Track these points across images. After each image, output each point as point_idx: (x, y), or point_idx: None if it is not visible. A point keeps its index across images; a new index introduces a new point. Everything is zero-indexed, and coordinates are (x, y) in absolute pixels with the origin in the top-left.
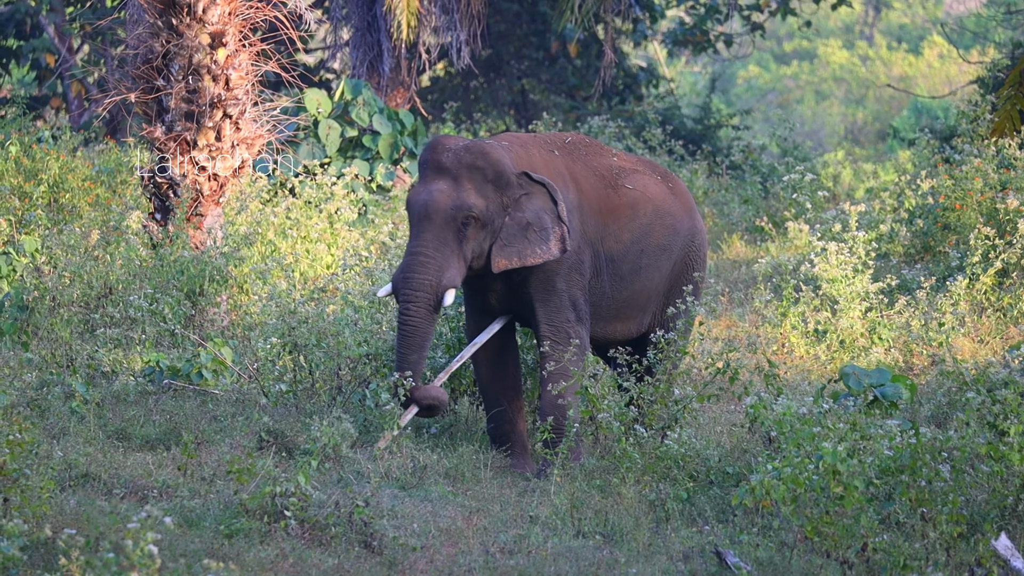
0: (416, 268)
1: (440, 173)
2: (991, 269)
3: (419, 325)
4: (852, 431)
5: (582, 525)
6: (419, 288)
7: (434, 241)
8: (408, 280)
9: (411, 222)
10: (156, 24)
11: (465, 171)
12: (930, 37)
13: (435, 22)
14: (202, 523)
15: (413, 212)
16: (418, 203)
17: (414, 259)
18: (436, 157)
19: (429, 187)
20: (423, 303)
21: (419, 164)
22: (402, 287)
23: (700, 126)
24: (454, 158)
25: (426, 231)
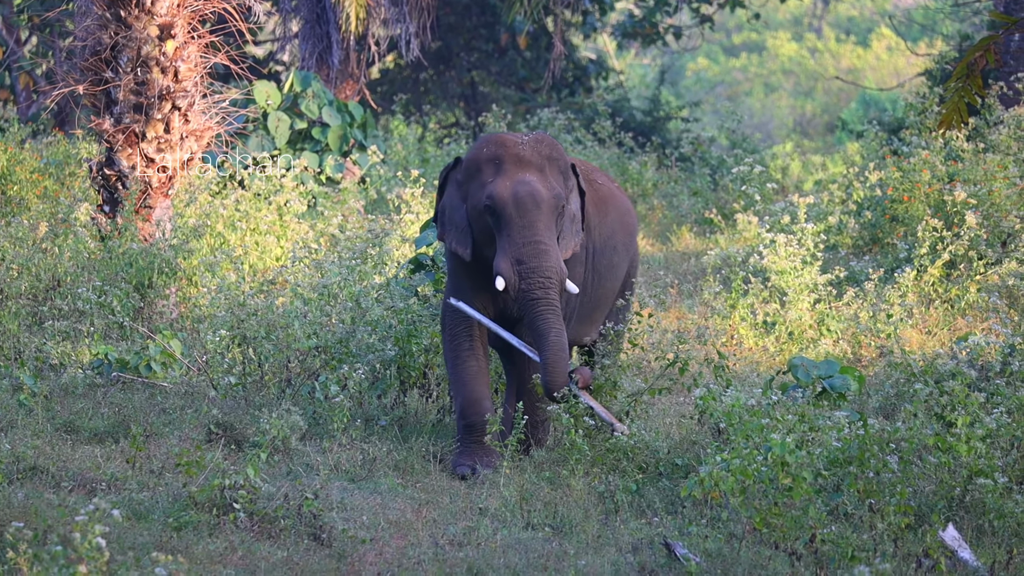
0: (543, 256)
1: (524, 165)
2: (939, 261)
3: (560, 311)
4: (800, 423)
5: (531, 517)
6: (552, 274)
7: (546, 230)
8: (538, 268)
9: (515, 214)
10: (104, 16)
11: (547, 163)
12: (878, 29)
13: (384, 14)
14: (151, 516)
15: (518, 204)
16: (522, 194)
17: (537, 247)
18: (513, 151)
19: (522, 178)
20: (558, 289)
21: (484, 161)
22: (534, 275)
23: (649, 118)
24: (532, 150)
25: (538, 220)
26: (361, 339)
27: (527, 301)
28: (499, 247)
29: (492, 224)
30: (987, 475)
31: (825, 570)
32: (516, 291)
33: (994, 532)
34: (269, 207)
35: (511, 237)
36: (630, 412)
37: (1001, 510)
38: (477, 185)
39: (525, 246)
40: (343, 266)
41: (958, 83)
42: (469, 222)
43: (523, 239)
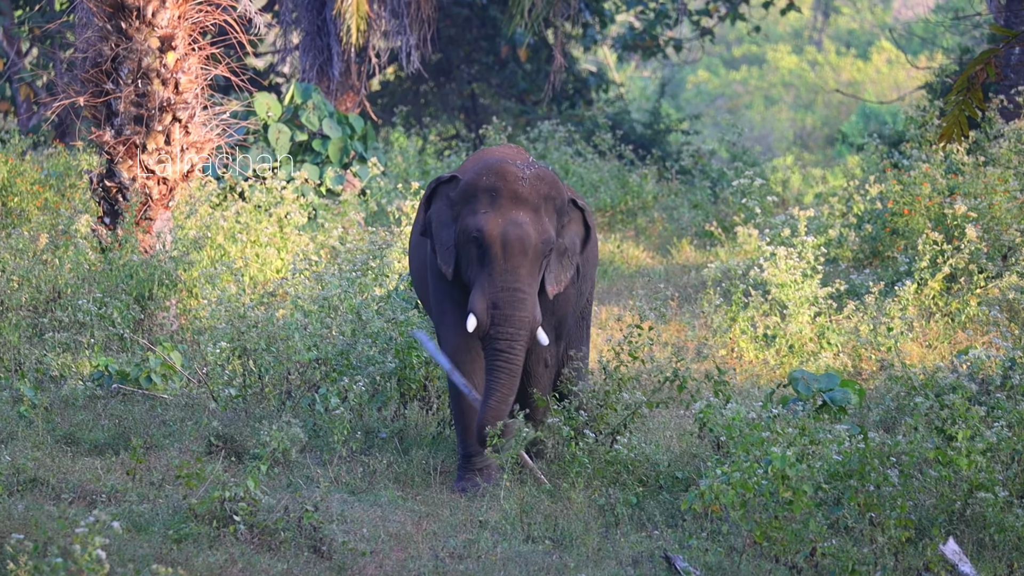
0: (518, 305)
1: (519, 203)
2: (939, 274)
3: (521, 362)
4: (801, 436)
5: (532, 530)
6: (523, 327)
7: (528, 277)
8: (511, 318)
9: (500, 254)
10: (105, 28)
11: (543, 202)
12: (878, 42)
13: (385, 26)
14: (151, 528)
15: (505, 245)
16: (512, 236)
17: (514, 295)
18: (512, 186)
19: (514, 219)
20: (525, 340)
21: (482, 190)
22: (505, 324)
23: (650, 131)
24: (531, 188)
25: (521, 266)
26: (361, 351)
27: (490, 350)
28: (478, 282)
29: (476, 256)
30: (988, 489)
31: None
32: (484, 334)
33: (995, 546)
34: (270, 219)
35: (492, 277)
36: (629, 425)
37: (1002, 524)
38: (469, 211)
39: (504, 291)
40: (343, 278)
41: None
42: (456, 243)
43: (503, 283)
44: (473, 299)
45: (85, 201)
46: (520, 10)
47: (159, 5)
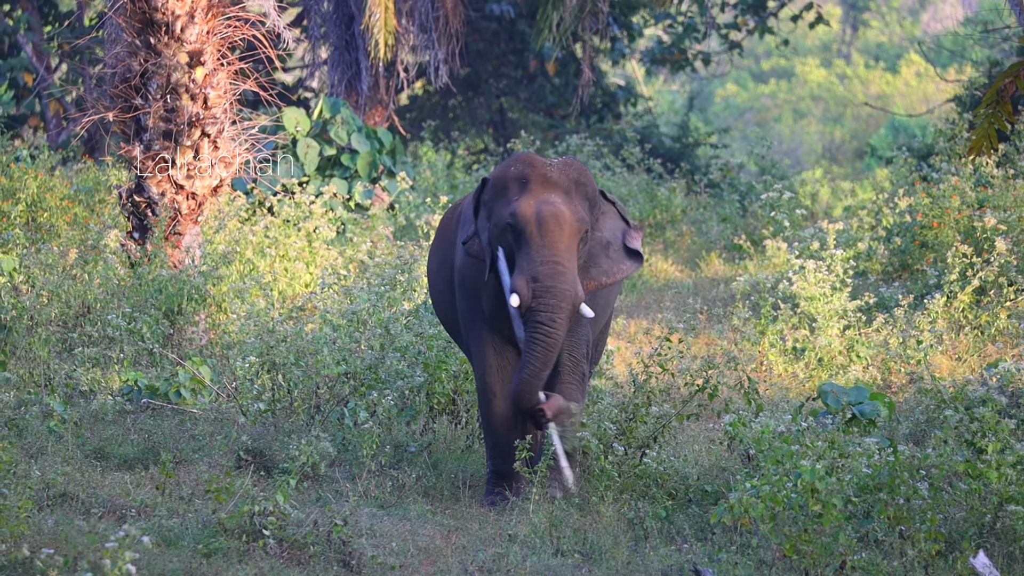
0: (558, 277)
1: (550, 186)
2: (969, 287)
3: (562, 338)
4: (830, 449)
5: (561, 544)
6: (564, 298)
7: (567, 252)
8: (552, 290)
9: (536, 232)
10: (134, 43)
11: (574, 187)
12: (907, 55)
13: (413, 40)
14: (180, 542)
15: (540, 223)
16: (546, 213)
17: (554, 268)
18: (541, 171)
19: (547, 198)
20: (568, 314)
21: (511, 179)
22: (545, 296)
23: (678, 144)
24: (560, 173)
25: (559, 240)
26: (390, 365)
27: (531, 322)
28: (517, 265)
29: (512, 242)
30: (1018, 502)
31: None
32: (526, 308)
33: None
34: (298, 233)
35: (530, 255)
36: (658, 438)
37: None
38: (502, 203)
39: (543, 264)
40: (372, 292)
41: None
42: (490, 240)
43: (541, 258)
44: (514, 280)
45: (114, 216)
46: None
47: (188, 20)
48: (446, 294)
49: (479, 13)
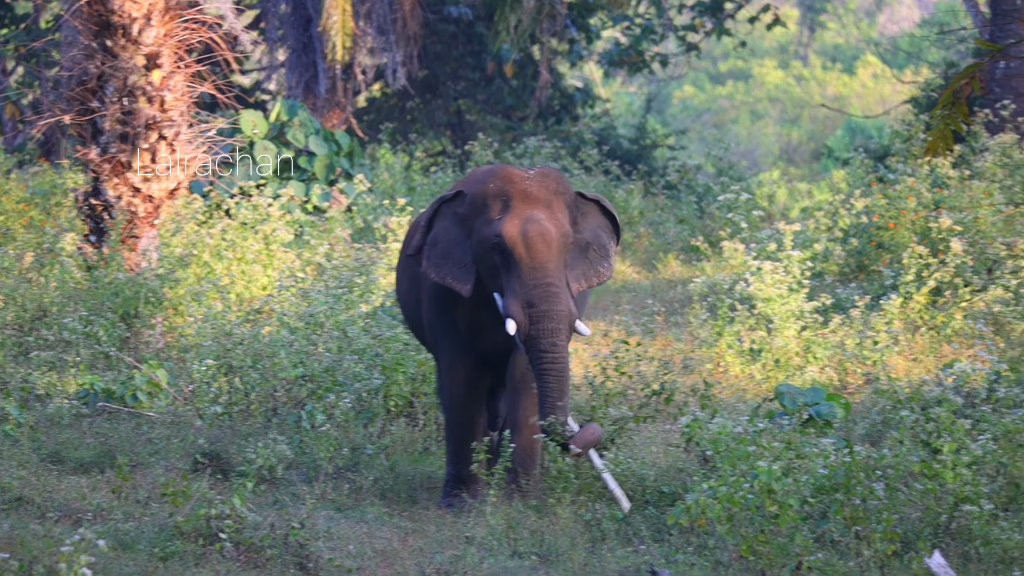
0: (552, 300)
1: (532, 202)
2: (924, 288)
3: (567, 358)
4: (787, 450)
5: (518, 545)
6: (561, 320)
7: (557, 271)
8: (549, 313)
9: (524, 254)
10: (91, 46)
11: (554, 198)
12: (864, 57)
13: (371, 43)
14: (137, 546)
15: (528, 243)
16: (532, 233)
17: (547, 290)
18: (521, 187)
19: (532, 216)
20: (567, 334)
21: (491, 196)
22: (543, 321)
23: (636, 146)
24: (540, 186)
25: (548, 261)
26: (347, 368)
27: (534, 352)
28: (507, 288)
29: (499, 263)
30: (973, 502)
31: None
32: (525, 335)
33: (980, 559)
34: (256, 236)
35: (521, 278)
36: (615, 440)
37: (987, 537)
38: (483, 221)
39: (536, 288)
40: (329, 295)
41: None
42: (474, 259)
43: (533, 280)
44: (507, 305)
45: (71, 219)
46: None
47: (145, 23)
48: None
49: (437, 15)
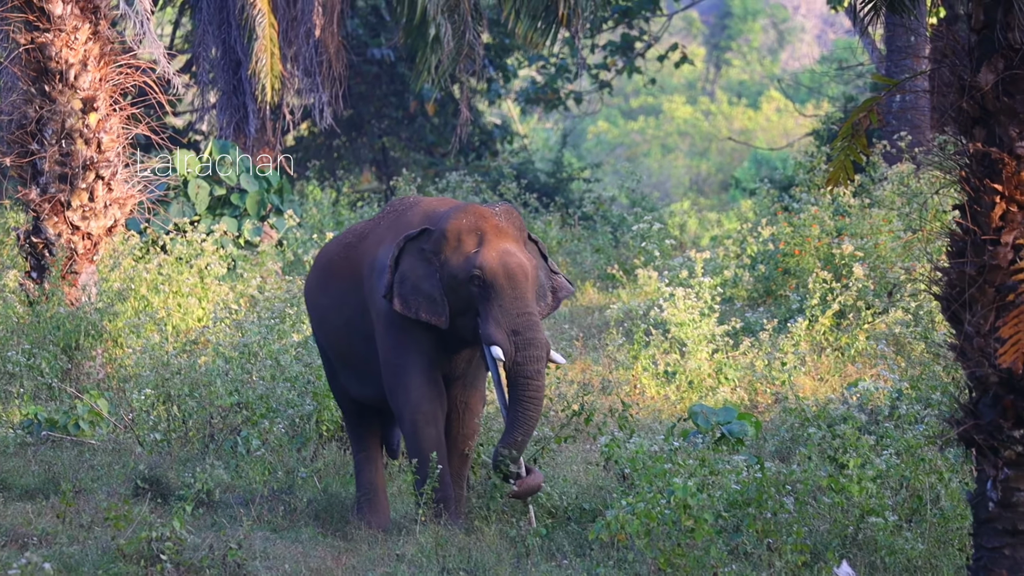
0: (535, 329)
1: (504, 236)
2: (829, 311)
3: (544, 388)
4: (701, 467)
5: (447, 562)
6: (543, 347)
7: (533, 302)
8: (533, 341)
9: (506, 285)
10: (30, 91)
11: (519, 233)
12: (768, 92)
13: (298, 84)
14: (81, 569)
15: (509, 275)
16: (512, 265)
17: (530, 319)
18: (492, 222)
19: (507, 249)
20: (545, 364)
21: (465, 231)
22: (530, 348)
23: (553, 179)
24: (507, 221)
25: (527, 291)
26: (281, 395)
27: (520, 377)
28: (488, 317)
29: (478, 294)
30: (878, 514)
31: None
32: (512, 362)
33: (886, 568)
34: (191, 270)
35: (503, 308)
36: (538, 459)
37: (892, 547)
38: (457, 255)
39: (519, 317)
40: (262, 325)
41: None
42: (444, 291)
43: (516, 310)
44: (490, 333)
45: (13, 257)
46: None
47: (81, 68)
48: (343, 331)
49: (361, 57)
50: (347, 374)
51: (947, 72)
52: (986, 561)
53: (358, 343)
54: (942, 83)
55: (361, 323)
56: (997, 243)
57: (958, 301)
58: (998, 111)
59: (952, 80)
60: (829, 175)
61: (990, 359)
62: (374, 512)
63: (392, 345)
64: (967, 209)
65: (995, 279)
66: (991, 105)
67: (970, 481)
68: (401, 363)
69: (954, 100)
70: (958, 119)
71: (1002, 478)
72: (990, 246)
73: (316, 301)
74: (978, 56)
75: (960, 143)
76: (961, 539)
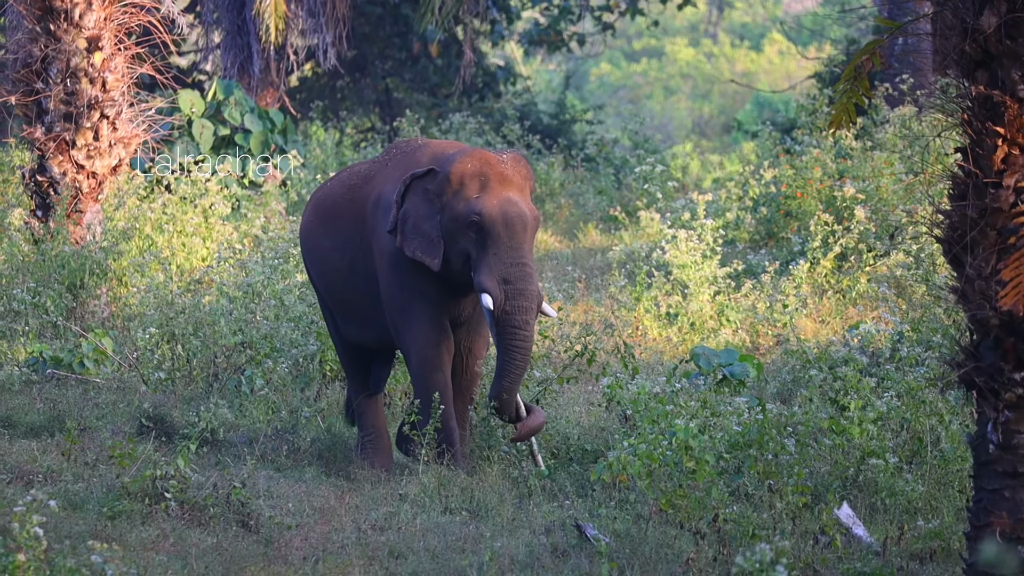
0: (527, 279)
1: (508, 184)
2: (830, 253)
3: (533, 338)
4: (703, 408)
5: (449, 502)
6: (533, 299)
7: (530, 252)
8: (524, 292)
9: (503, 233)
10: (35, 29)
11: (525, 182)
12: (770, 35)
13: (302, 25)
14: (86, 506)
15: (507, 223)
16: (512, 214)
17: (522, 270)
18: (498, 169)
19: (508, 198)
20: (536, 314)
21: (469, 176)
22: (519, 298)
23: (556, 121)
24: (513, 170)
25: (524, 242)
26: (284, 335)
27: (507, 326)
28: (481, 263)
29: (475, 240)
30: (879, 456)
31: (727, 548)
32: (500, 310)
33: (886, 509)
34: (195, 210)
35: (498, 255)
36: (540, 399)
37: (892, 489)
38: (459, 199)
39: (512, 266)
40: (266, 265)
41: (846, 85)
42: (442, 233)
43: (511, 259)
44: (481, 280)
45: (18, 195)
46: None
47: (86, 7)
48: (344, 273)
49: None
50: (346, 319)
51: (950, 15)
52: (986, 503)
53: (360, 285)
54: (945, 26)
55: (364, 264)
56: (999, 186)
57: (959, 244)
58: (1001, 54)
59: (955, 23)
60: (831, 118)
61: (991, 302)
62: (377, 453)
63: (397, 286)
64: (969, 152)
65: (996, 222)
66: (994, 48)
67: (970, 423)
68: (406, 306)
69: (957, 43)
70: (960, 62)
71: (1002, 420)
72: (992, 189)
73: (317, 243)
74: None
75: (962, 86)
76: (961, 481)
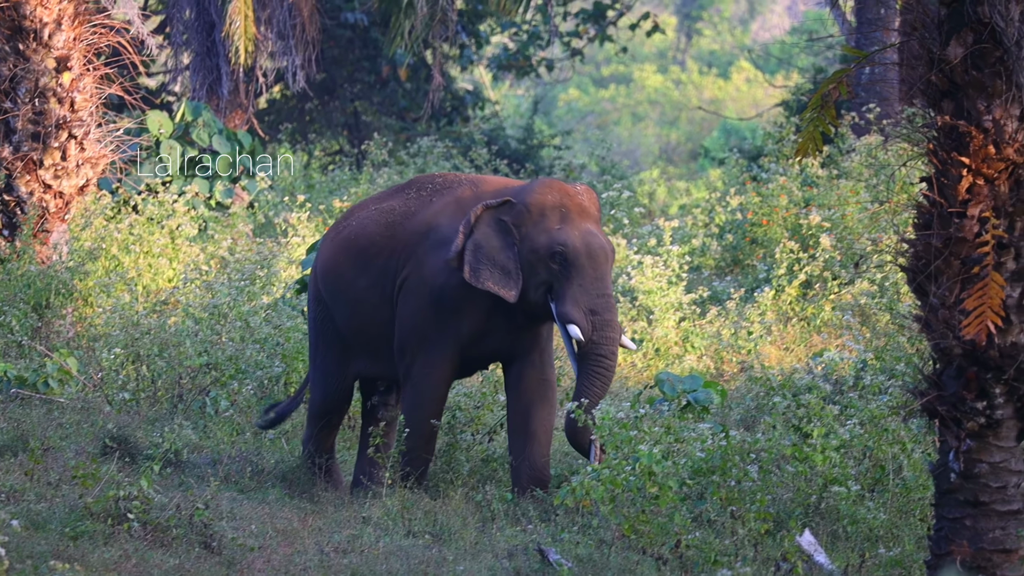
0: (613, 310)
1: (587, 216)
2: (795, 281)
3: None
4: (667, 434)
5: (412, 525)
6: (618, 330)
7: (611, 284)
8: (611, 323)
9: (587, 264)
10: (4, 49)
11: (599, 214)
12: (738, 63)
13: (271, 47)
14: (48, 526)
15: (591, 255)
16: (595, 246)
17: (608, 301)
18: (576, 201)
19: (589, 229)
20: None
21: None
22: (607, 329)
23: (524, 146)
24: (590, 202)
25: (607, 273)
26: (250, 356)
27: (594, 355)
28: (566, 295)
29: (559, 271)
30: (841, 483)
31: (689, 574)
32: (588, 341)
33: (847, 537)
34: (162, 231)
35: (583, 287)
36: (503, 424)
37: (854, 516)
38: (540, 230)
39: (599, 298)
40: (232, 287)
41: (813, 113)
42: (521, 265)
43: (596, 291)
44: (568, 311)
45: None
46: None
47: (55, 27)
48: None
49: (334, 21)
50: (362, 353)
51: (916, 45)
52: (947, 532)
53: (386, 317)
54: (911, 56)
55: (392, 296)
56: (963, 216)
57: (923, 273)
58: (966, 84)
59: (921, 53)
60: (798, 146)
61: (954, 331)
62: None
63: (432, 318)
64: (934, 181)
65: (960, 251)
66: (960, 78)
67: (932, 452)
68: (435, 337)
69: (923, 73)
70: (927, 92)
71: (964, 449)
72: (956, 219)
73: (349, 282)
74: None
75: (928, 116)
76: (923, 509)
